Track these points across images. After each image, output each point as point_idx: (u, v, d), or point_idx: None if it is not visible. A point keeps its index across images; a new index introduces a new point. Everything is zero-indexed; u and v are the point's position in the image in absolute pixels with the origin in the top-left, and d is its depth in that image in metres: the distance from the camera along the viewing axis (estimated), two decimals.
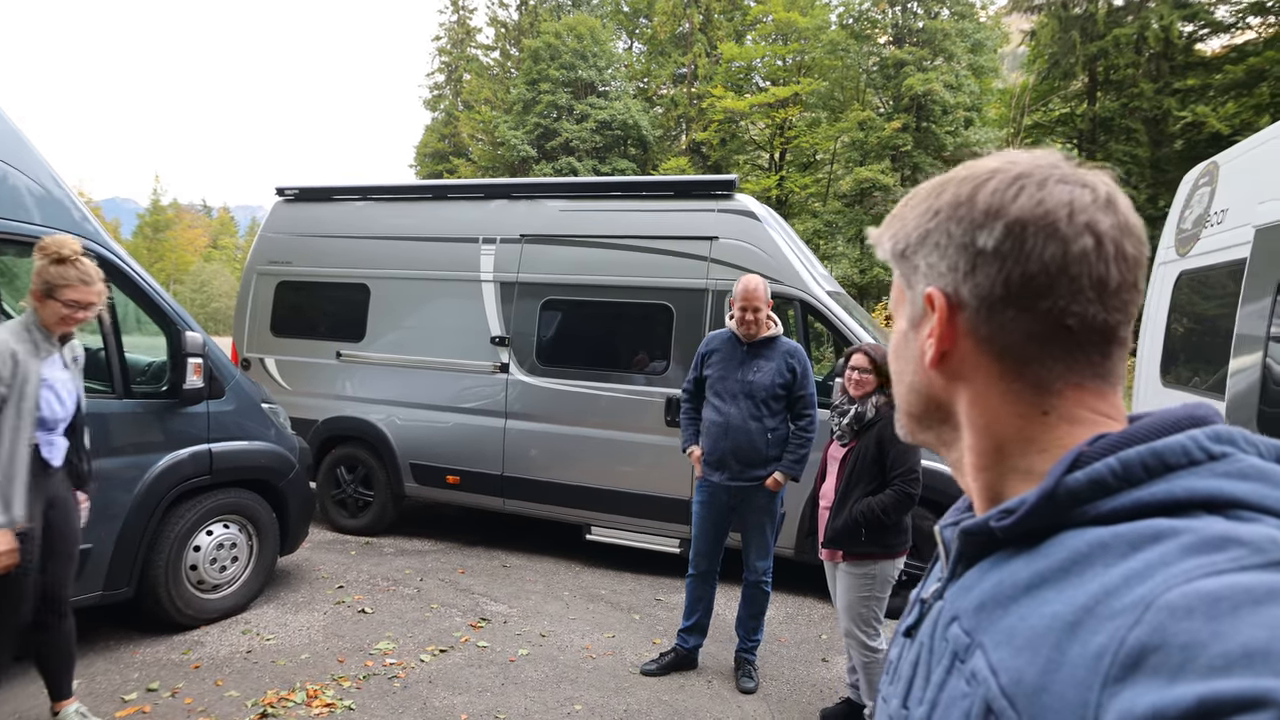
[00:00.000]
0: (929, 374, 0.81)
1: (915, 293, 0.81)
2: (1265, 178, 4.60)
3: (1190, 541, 0.57)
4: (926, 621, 0.81)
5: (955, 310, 0.76)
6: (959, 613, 0.73)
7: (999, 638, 0.65)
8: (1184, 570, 0.55)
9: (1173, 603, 0.53)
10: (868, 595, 4.18)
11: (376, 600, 6.00)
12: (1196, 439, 0.65)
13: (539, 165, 34.92)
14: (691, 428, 5.08)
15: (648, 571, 7.01)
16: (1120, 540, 0.61)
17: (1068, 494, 0.66)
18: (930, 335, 0.78)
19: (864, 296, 27.62)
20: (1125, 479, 0.65)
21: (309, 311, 8.26)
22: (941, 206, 0.78)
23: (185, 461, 5.14)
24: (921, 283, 0.80)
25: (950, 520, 0.87)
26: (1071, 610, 0.59)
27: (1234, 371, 4.52)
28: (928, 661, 0.77)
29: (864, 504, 4.06)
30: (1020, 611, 0.64)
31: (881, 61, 31.46)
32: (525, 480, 7.28)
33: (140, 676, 4.63)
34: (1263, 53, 21.19)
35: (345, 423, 7.90)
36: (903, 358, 0.86)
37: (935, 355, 0.78)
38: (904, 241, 0.82)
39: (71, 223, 4.62)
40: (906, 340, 0.84)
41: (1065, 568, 0.63)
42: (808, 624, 6.08)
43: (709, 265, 6.78)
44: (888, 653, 0.93)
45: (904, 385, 0.86)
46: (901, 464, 4.07)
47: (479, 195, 8.00)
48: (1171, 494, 0.62)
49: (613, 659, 5.23)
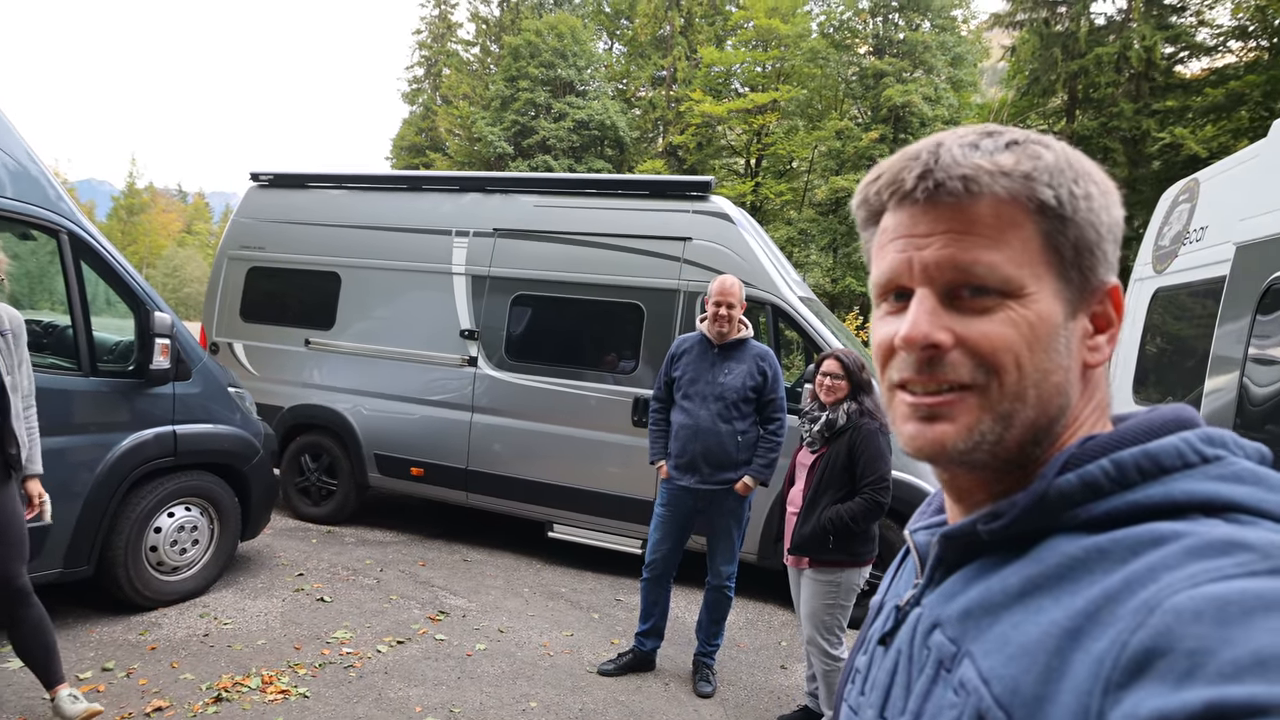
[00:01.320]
0: (1077, 377, 0.72)
1: (1091, 279, 0.71)
2: (1247, 195, 4.55)
3: (1193, 545, 0.56)
4: (904, 629, 0.78)
5: None
6: (941, 620, 0.71)
7: (989, 646, 0.64)
8: (1189, 574, 0.54)
9: (1179, 607, 0.52)
10: (832, 604, 4.16)
11: (336, 589, 5.98)
12: (1190, 441, 0.65)
13: (515, 162, 34.79)
14: (661, 441, 5.04)
15: (608, 571, 7.03)
16: (1119, 544, 0.60)
17: (1059, 496, 0.66)
18: (1105, 331, 0.73)
19: (835, 305, 27.71)
20: (1119, 481, 0.64)
21: (279, 298, 8.21)
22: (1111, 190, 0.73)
23: (149, 442, 5.11)
24: (1104, 269, 0.72)
25: (923, 524, 0.85)
26: (1070, 616, 0.58)
27: (1209, 390, 4.47)
28: (907, 670, 0.74)
29: (833, 511, 4.03)
30: (1012, 619, 0.63)
31: (861, 71, 31.58)
32: (489, 475, 7.28)
33: (96, 655, 4.60)
34: (1243, 76, 21.25)
35: (311, 411, 7.87)
36: (1054, 353, 0.70)
37: (1109, 355, 0.73)
38: (1102, 209, 0.71)
39: (46, 200, 4.60)
40: (1061, 333, 0.70)
41: (1060, 574, 0.62)
42: (768, 630, 6.12)
43: (681, 266, 6.81)
44: (852, 661, 0.91)
45: (1051, 390, 0.70)
46: (872, 472, 4.04)
47: (453, 188, 7.98)
48: (1170, 496, 0.62)
49: (570, 657, 5.24)
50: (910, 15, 31.13)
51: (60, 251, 4.69)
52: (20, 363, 3.70)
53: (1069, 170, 0.69)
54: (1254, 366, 4.07)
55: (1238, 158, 5.00)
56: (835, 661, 4.20)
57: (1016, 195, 0.68)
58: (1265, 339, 4.01)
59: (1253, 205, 4.40)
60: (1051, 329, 0.69)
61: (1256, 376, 4.05)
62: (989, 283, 0.69)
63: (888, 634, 0.81)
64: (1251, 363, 4.08)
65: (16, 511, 3.71)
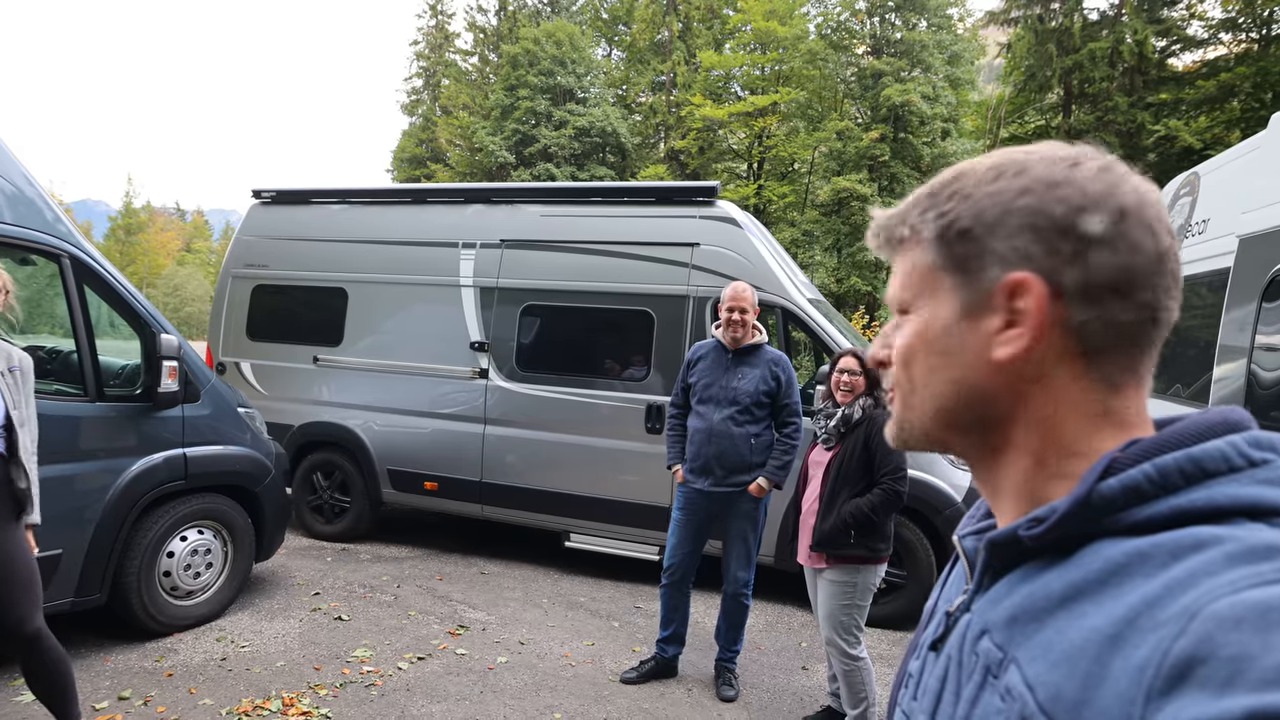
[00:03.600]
0: (991, 371, 0.73)
1: (981, 278, 0.73)
2: (1248, 187, 4.64)
3: (1235, 550, 0.56)
4: (954, 635, 0.78)
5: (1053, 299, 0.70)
6: (989, 626, 0.71)
7: (1034, 652, 0.63)
8: (1230, 580, 0.53)
9: (1220, 613, 0.51)
10: (849, 603, 4.17)
11: (353, 607, 5.94)
12: (1236, 444, 0.63)
13: (517, 171, 34.87)
14: (678, 445, 5.06)
15: (627, 579, 6.99)
16: (1160, 549, 0.59)
17: (1102, 501, 0.64)
18: (1011, 326, 0.72)
19: (841, 305, 27.73)
20: (1162, 485, 0.63)
21: (286, 315, 8.18)
22: (1032, 185, 0.71)
23: (159, 466, 5.06)
24: (997, 267, 0.72)
25: (971, 529, 0.85)
26: (1111, 623, 0.57)
27: (1217, 379, 4.53)
28: (957, 677, 0.74)
29: (852, 504, 4.06)
30: (1056, 625, 0.63)
31: (860, 72, 31.65)
32: (504, 486, 7.24)
33: (112, 684, 4.55)
34: (1234, 68, 21.56)
35: (322, 428, 7.83)
36: (944, 353, 0.76)
37: (1021, 350, 0.71)
38: (969, 219, 0.74)
39: (44, 223, 4.56)
40: (950, 333, 0.76)
41: (1102, 579, 0.61)
42: (788, 632, 6.08)
43: (690, 271, 6.78)
44: (905, 665, 0.91)
45: (942, 385, 0.77)
46: (888, 462, 4.09)
47: (459, 200, 7.97)
48: (1213, 501, 0.60)
49: (592, 667, 5.20)
50: (907, 15, 31.17)
51: (62, 276, 4.64)
52: (27, 401, 3.59)
53: (927, 199, 0.78)
54: (1261, 354, 4.19)
55: (1237, 151, 5.11)
56: (854, 661, 4.20)
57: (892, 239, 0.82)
58: (1271, 327, 4.13)
59: (1254, 199, 4.53)
60: (937, 330, 0.77)
61: (1264, 363, 4.16)
62: (894, 307, 0.83)
63: (939, 639, 0.81)
64: (1259, 350, 4.20)
65: (26, 552, 3.57)
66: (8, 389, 3.50)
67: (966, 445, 0.79)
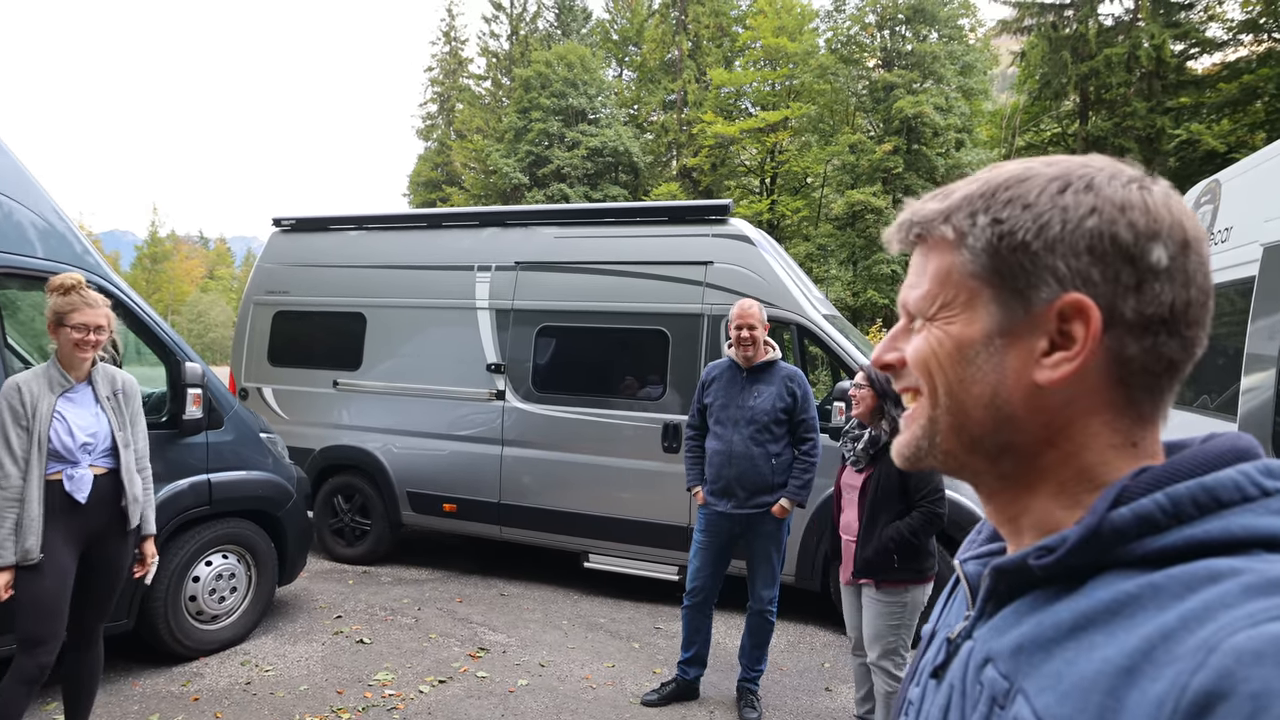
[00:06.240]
0: (1029, 393, 0.70)
1: (1031, 296, 0.69)
2: (1272, 195, 4.54)
3: (1253, 582, 0.54)
4: (956, 663, 0.76)
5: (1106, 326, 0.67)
6: (993, 655, 0.69)
7: (1043, 683, 0.62)
8: (1249, 613, 0.52)
9: (1240, 647, 0.50)
10: (898, 624, 4.10)
11: (375, 630, 5.98)
12: (1249, 474, 0.62)
13: (531, 193, 34.96)
14: (697, 467, 5.06)
15: (647, 599, 6.98)
16: (1174, 581, 0.58)
17: (1113, 531, 0.63)
18: (1060, 349, 0.68)
19: (857, 319, 27.59)
20: (1175, 516, 0.61)
21: (306, 341, 8.27)
22: (1101, 204, 0.67)
23: (185, 492, 5.14)
24: (1052, 286, 0.68)
25: (973, 554, 0.83)
26: (1124, 654, 0.56)
27: (1245, 389, 4.42)
28: (960, 706, 0.72)
29: (893, 528, 4.02)
30: (1065, 655, 0.61)
31: (871, 85, 31.56)
32: (522, 508, 7.27)
33: (140, 709, 4.60)
34: (1256, 70, 21.15)
35: (342, 451, 7.90)
36: (975, 367, 0.72)
37: (1068, 374, 0.68)
38: (1030, 232, 0.69)
39: (74, 255, 4.64)
40: (986, 349, 0.72)
41: (1113, 609, 0.60)
42: (810, 652, 6.06)
43: (704, 290, 6.81)
44: (905, 692, 0.89)
45: (970, 402, 0.73)
46: (925, 484, 4.03)
47: (474, 223, 8.04)
48: (1229, 532, 0.59)
49: (613, 689, 5.20)
50: (917, 27, 31.09)
51: None
52: (133, 422, 3.86)
53: (980, 201, 0.72)
54: None
55: (1260, 157, 5.00)
56: (899, 683, 4.12)
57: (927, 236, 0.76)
58: None
59: (1278, 206, 4.44)
60: (968, 343, 0.72)
61: None
62: (912, 311, 0.78)
63: (940, 667, 0.80)
64: None
65: (120, 571, 3.87)
66: (113, 412, 3.76)
67: (986, 468, 0.75)
